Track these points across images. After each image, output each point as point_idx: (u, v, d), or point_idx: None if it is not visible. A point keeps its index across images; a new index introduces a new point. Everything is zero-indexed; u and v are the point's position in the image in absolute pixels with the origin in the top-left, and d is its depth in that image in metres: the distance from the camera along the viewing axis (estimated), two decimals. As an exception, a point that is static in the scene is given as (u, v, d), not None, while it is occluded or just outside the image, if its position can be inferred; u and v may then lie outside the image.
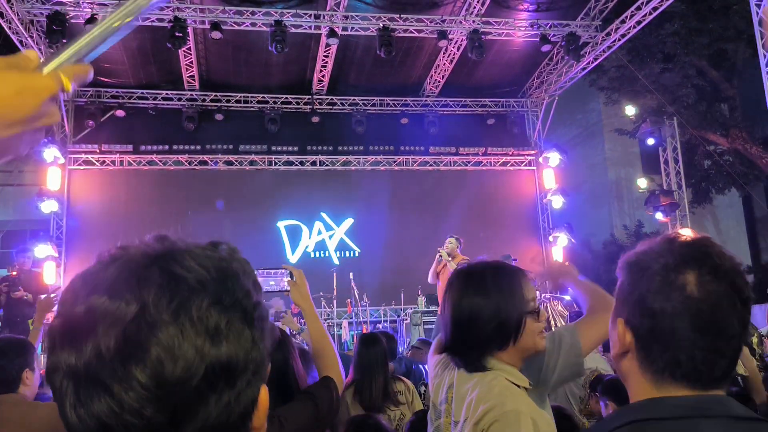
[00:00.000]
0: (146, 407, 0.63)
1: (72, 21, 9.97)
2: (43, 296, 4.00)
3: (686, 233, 1.15)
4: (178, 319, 0.64)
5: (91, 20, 9.78)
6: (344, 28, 10.93)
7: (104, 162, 12.65)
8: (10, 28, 9.76)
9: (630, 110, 14.50)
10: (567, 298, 11.45)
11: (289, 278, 2.27)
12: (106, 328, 0.63)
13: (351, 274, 10.63)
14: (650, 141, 13.59)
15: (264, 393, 0.73)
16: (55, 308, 0.69)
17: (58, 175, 12.03)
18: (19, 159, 13.13)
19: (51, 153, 11.65)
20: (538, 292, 8.61)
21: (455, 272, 1.86)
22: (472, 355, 1.73)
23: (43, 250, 11.26)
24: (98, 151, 12.54)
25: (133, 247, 0.70)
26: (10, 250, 15.82)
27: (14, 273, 8.32)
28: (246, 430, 0.72)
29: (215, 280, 0.69)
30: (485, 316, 1.70)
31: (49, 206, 11.64)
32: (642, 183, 14.30)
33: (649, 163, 16.81)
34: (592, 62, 12.26)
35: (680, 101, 14.55)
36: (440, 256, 8.35)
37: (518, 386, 1.66)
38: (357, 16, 10.85)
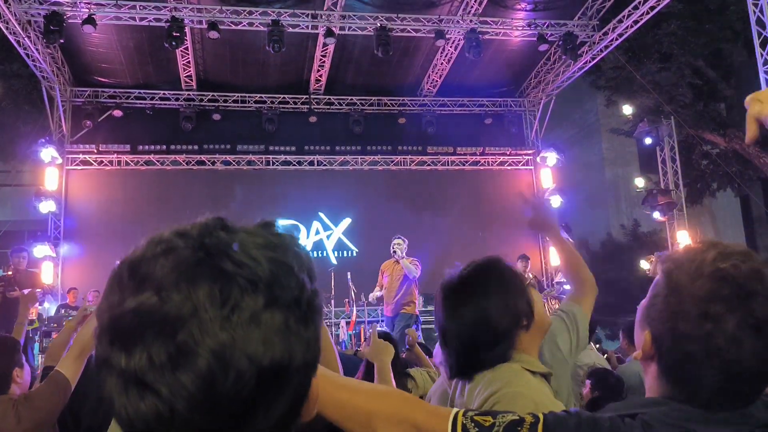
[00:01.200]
0: (195, 415, 0.60)
1: (69, 21, 9.98)
2: (26, 290, 3.97)
3: (733, 254, 1.08)
4: (229, 325, 0.60)
5: (89, 21, 9.79)
6: (341, 28, 10.93)
7: (102, 162, 12.64)
8: (7, 28, 9.75)
9: (627, 110, 14.53)
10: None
11: None
12: (157, 334, 0.60)
13: (349, 273, 10.63)
14: (647, 140, 13.61)
15: (315, 385, 0.71)
16: (101, 294, 0.68)
17: (55, 175, 12.02)
18: (17, 159, 13.14)
19: (48, 153, 11.64)
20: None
21: (443, 290, 1.72)
22: (485, 361, 1.63)
23: (40, 250, 11.25)
24: (96, 151, 12.53)
25: (184, 234, 0.66)
26: (7, 250, 15.81)
27: (10, 273, 8.30)
28: (296, 423, 0.70)
29: (268, 276, 0.64)
30: (493, 324, 1.62)
31: (46, 206, 11.63)
32: (639, 182, 14.33)
33: (647, 163, 16.84)
34: (590, 62, 12.28)
35: (677, 101, 14.57)
36: (396, 252, 8.42)
37: (534, 373, 1.62)
38: (354, 15, 10.86)
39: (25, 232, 14.16)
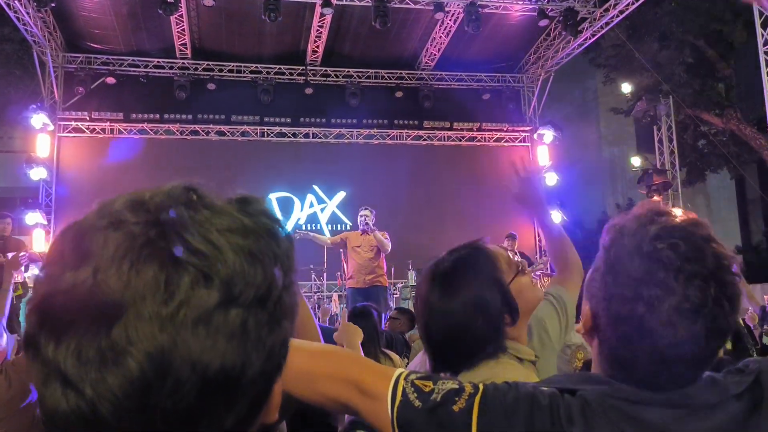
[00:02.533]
0: (123, 422, 0.52)
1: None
2: (10, 254, 3.92)
3: (676, 230, 1.02)
4: (172, 325, 0.52)
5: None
6: (339, -2, 10.75)
7: (94, 130, 12.49)
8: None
9: (626, 88, 14.42)
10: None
11: None
12: (89, 325, 0.51)
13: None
14: (645, 119, 13.54)
15: (277, 388, 0.62)
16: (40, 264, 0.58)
17: (47, 142, 11.87)
18: (8, 124, 12.97)
19: (40, 119, 11.47)
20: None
21: (428, 281, 1.62)
22: (473, 359, 1.56)
23: (32, 217, 11.16)
24: (88, 118, 12.37)
25: (140, 205, 0.56)
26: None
27: None
28: (253, 426, 0.61)
29: (228, 268, 0.54)
30: (482, 319, 1.54)
31: (37, 173, 11.51)
32: (636, 161, 14.28)
33: (644, 142, 16.79)
34: (590, 38, 12.14)
35: (676, 80, 14.48)
36: (368, 224, 8.31)
37: (522, 360, 1.57)
38: (352, -15, 10.67)
39: (17, 198, 14.04)
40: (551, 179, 13.33)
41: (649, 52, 15.04)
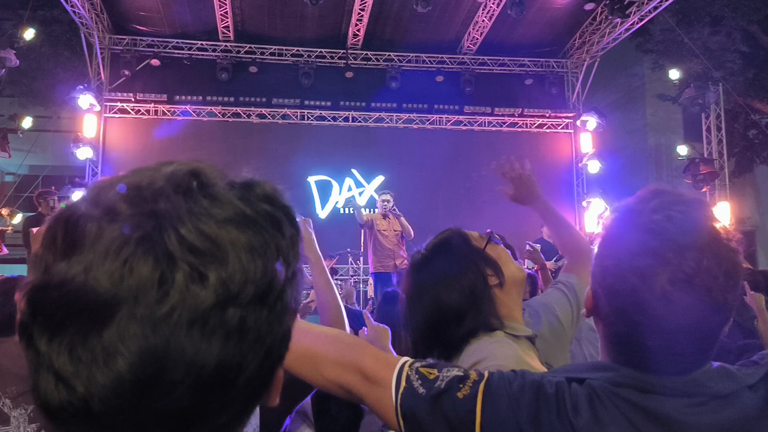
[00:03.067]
0: (117, 419, 0.51)
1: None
2: (35, 229, 3.95)
3: (675, 204, 1.00)
4: (166, 326, 0.50)
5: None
6: (382, -19, 10.68)
7: (139, 111, 12.72)
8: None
9: (674, 74, 14.00)
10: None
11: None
12: (82, 324, 0.50)
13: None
14: (693, 107, 13.12)
15: (279, 373, 0.61)
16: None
17: (93, 122, 12.14)
18: (56, 105, 13.31)
19: (86, 100, 11.73)
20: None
21: (407, 271, 1.67)
22: (460, 335, 1.55)
23: (78, 195, 11.43)
24: (133, 99, 12.61)
25: (137, 192, 0.53)
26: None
27: (40, 211, 8.39)
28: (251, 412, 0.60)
29: (225, 265, 0.52)
30: (463, 287, 1.55)
31: (84, 153, 11.78)
32: (682, 150, 13.89)
33: (691, 130, 16.32)
34: (637, 23, 11.81)
35: (726, 67, 14.01)
36: (394, 208, 8.15)
37: (518, 337, 1.54)
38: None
39: (65, 177, 14.41)
40: (593, 167, 13.08)
41: (700, 37, 14.57)
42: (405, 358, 1.12)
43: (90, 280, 0.50)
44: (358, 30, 12.42)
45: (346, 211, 12.77)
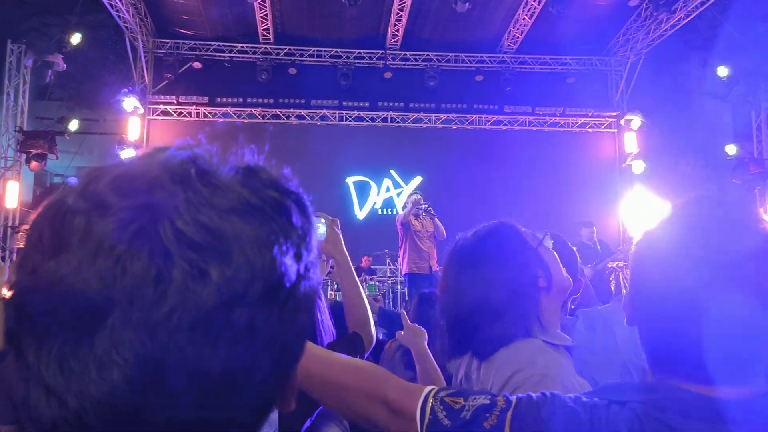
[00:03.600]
0: None
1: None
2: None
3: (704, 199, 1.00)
4: (165, 330, 0.45)
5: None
6: (420, -20, 10.61)
7: (181, 113, 12.94)
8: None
9: (722, 72, 13.57)
10: None
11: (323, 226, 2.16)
12: (71, 330, 0.45)
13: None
14: (742, 105, 12.67)
15: (295, 376, 0.56)
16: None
17: (137, 124, 12.40)
18: (102, 108, 13.62)
19: (131, 103, 11.98)
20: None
21: (453, 257, 1.60)
22: (496, 333, 1.48)
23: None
24: (176, 102, 12.83)
25: (127, 185, 0.48)
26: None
27: None
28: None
29: (232, 260, 0.47)
30: (511, 285, 1.48)
31: (128, 154, 12.01)
32: (731, 150, 13.44)
33: (741, 129, 15.80)
34: (684, 19, 11.47)
35: (779, 63, 13.50)
36: (429, 210, 8.09)
37: (556, 345, 1.47)
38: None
39: (110, 179, 14.74)
40: (638, 167, 12.77)
41: (751, 33, 14.08)
42: (429, 387, 1.08)
43: (79, 281, 0.45)
44: (397, 30, 12.37)
45: (384, 212, 12.75)
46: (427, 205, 8.27)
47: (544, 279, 1.51)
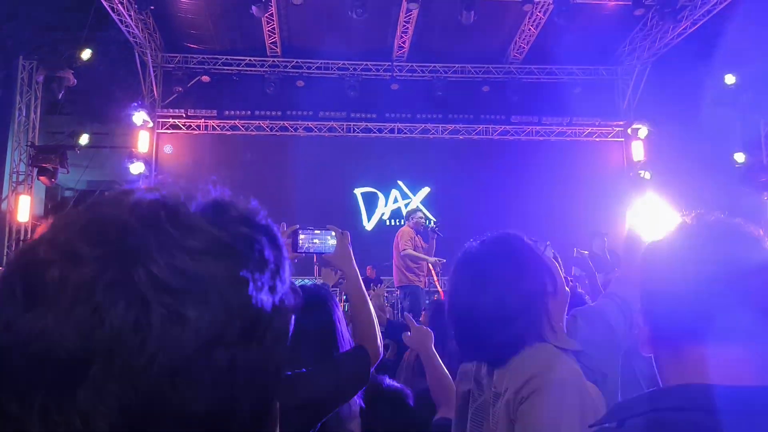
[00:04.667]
0: None
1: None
2: None
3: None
4: (146, 379, 0.45)
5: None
6: (426, -8, 10.69)
7: (190, 126, 13.04)
8: (102, -6, 10.10)
9: (730, 80, 13.55)
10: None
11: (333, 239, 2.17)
12: (50, 385, 0.45)
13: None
14: (749, 113, 12.63)
15: (275, 407, 0.57)
16: None
17: (147, 138, 12.51)
18: (112, 122, 13.75)
19: (140, 116, 12.10)
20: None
21: (463, 263, 1.63)
22: (509, 340, 1.50)
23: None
24: (185, 115, 12.93)
25: (97, 233, 0.48)
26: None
27: None
28: None
29: (209, 303, 0.47)
30: (521, 291, 1.51)
31: (137, 168, 12.13)
32: (739, 157, 13.40)
33: (750, 137, 15.74)
34: (690, 27, 11.49)
35: (788, 70, 13.46)
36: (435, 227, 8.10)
37: (566, 350, 1.50)
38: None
39: (120, 192, 14.83)
40: (646, 176, 12.74)
41: (758, 41, 14.06)
42: None
43: (58, 334, 0.45)
44: (404, 42, 12.44)
45: (392, 223, 12.77)
46: (435, 225, 8.31)
47: (550, 284, 1.54)
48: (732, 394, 0.86)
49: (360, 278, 2.13)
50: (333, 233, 2.08)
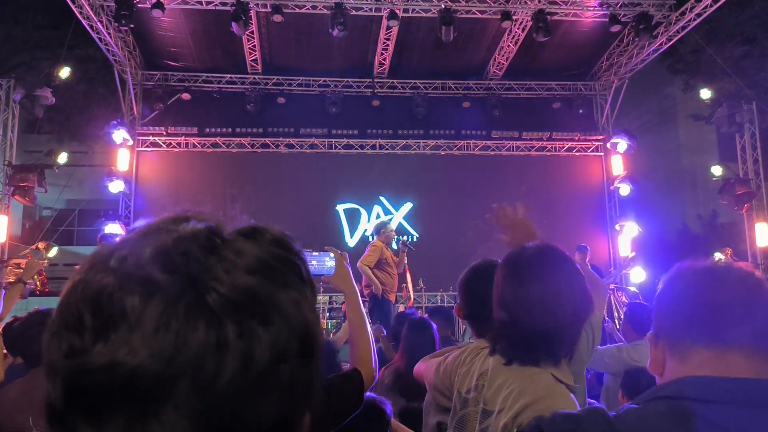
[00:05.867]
0: None
1: (139, 6, 10.20)
2: (78, 266, 4.06)
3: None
4: (229, 390, 0.49)
5: (158, 5, 9.98)
6: (405, 10, 10.77)
7: (170, 144, 12.97)
8: (81, 12, 10.06)
9: (705, 94, 13.77)
10: (633, 289, 11.01)
11: (330, 260, 2.14)
12: (134, 408, 0.47)
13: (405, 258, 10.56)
14: (731, 128, 12.82)
15: (306, 418, 0.59)
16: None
17: (126, 156, 12.40)
18: (92, 140, 13.66)
19: (120, 135, 12.01)
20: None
21: (514, 265, 1.67)
22: (534, 351, 1.55)
23: (112, 228, 11.66)
24: (165, 133, 12.86)
25: (166, 259, 0.51)
26: (84, 228, 16.52)
27: None
28: None
29: (275, 321, 0.51)
30: (565, 309, 1.53)
31: (117, 186, 12.02)
32: (717, 171, 13.59)
33: (726, 150, 16.00)
34: (665, 43, 11.68)
35: (760, 85, 13.75)
36: (404, 243, 8.12)
37: (563, 383, 1.52)
38: (419, -3, 10.68)
39: (100, 210, 14.71)
40: (625, 190, 12.88)
41: (731, 57, 14.35)
42: None
43: (143, 360, 0.47)
44: (384, 59, 12.52)
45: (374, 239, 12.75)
46: (407, 239, 8.30)
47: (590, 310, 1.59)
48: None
49: (360, 299, 2.11)
50: (332, 254, 2.07)
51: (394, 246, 8.36)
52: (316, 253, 2.09)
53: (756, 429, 0.88)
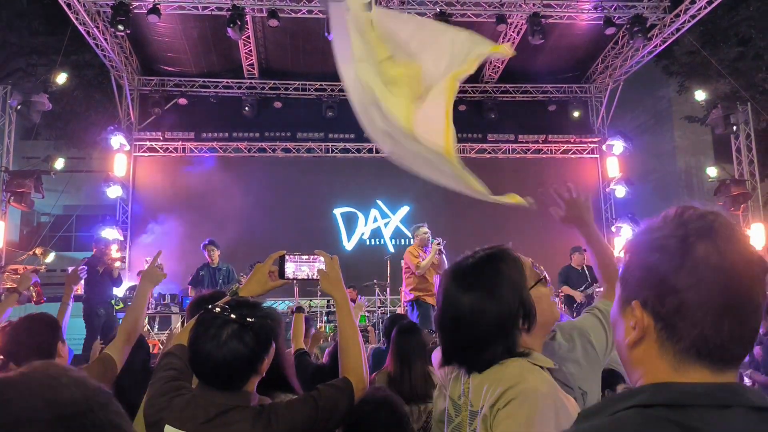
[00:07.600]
0: None
1: (135, 11, 10.23)
2: (70, 269, 4.10)
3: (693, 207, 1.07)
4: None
5: (154, 11, 10.01)
6: (401, 14, 10.80)
7: (167, 149, 12.98)
8: (77, 19, 10.09)
9: (700, 95, 13.83)
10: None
11: (321, 266, 2.13)
12: None
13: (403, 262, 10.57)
14: (726, 129, 12.86)
15: None
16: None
17: (123, 161, 12.42)
18: (89, 146, 13.66)
19: (117, 140, 12.04)
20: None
21: (452, 274, 1.67)
22: (482, 357, 1.56)
23: (109, 233, 11.66)
24: (162, 138, 12.88)
25: None
26: (81, 233, 16.52)
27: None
28: None
29: None
30: (492, 319, 1.54)
31: (114, 191, 12.03)
32: (712, 172, 13.63)
33: (721, 152, 16.05)
34: (660, 45, 11.73)
35: (755, 86, 13.81)
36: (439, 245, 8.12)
37: (542, 368, 1.52)
38: (413, 1, 10.71)
39: (97, 216, 14.71)
40: (621, 191, 12.92)
41: (726, 58, 14.42)
42: None
43: None
44: (380, 63, 12.53)
45: (372, 242, 12.78)
46: (438, 243, 8.31)
47: (525, 322, 1.56)
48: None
49: (350, 306, 2.07)
50: (322, 258, 2.06)
51: (434, 247, 8.39)
52: (306, 257, 2.09)
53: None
